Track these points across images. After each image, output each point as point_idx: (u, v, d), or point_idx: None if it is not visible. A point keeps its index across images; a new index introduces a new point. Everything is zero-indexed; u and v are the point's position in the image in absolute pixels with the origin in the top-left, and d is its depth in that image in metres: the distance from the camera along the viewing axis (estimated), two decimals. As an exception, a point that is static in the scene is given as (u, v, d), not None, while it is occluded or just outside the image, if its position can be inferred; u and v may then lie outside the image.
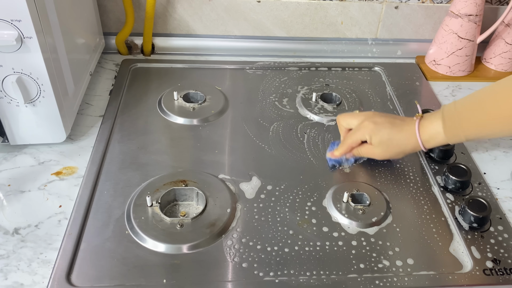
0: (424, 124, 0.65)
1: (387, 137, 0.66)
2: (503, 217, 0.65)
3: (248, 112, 0.84)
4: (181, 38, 1.00)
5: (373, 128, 0.67)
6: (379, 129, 0.67)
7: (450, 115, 0.62)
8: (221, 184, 0.67)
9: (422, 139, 0.64)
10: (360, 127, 0.68)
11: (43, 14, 0.63)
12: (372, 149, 0.68)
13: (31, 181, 0.67)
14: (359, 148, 0.70)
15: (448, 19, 0.93)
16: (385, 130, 0.66)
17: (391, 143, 0.66)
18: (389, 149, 0.67)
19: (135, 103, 0.84)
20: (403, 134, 0.66)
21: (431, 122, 0.64)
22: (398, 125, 0.66)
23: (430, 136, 0.64)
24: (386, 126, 0.66)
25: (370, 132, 0.67)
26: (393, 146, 0.67)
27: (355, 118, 0.70)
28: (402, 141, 0.66)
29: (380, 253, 0.60)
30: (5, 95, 0.64)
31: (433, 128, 0.64)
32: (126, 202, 0.64)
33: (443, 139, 0.63)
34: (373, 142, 0.67)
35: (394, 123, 0.67)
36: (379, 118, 0.68)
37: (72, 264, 0.56)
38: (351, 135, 0.70)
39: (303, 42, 1.02)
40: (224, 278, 0.56)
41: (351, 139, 0.69)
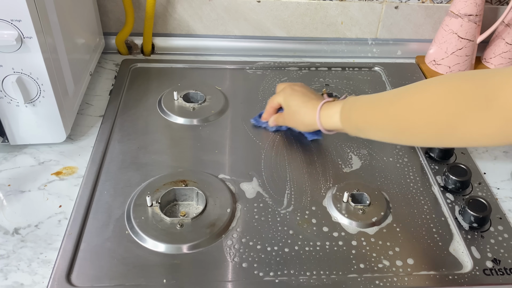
0: (327, 105, 0.68)
1: (294, 103, 0.71)
2: (503, 217, 0.65)
3: (248, 112, 0.83)
4: (181, 38, 1.00)
5: (288, 92, 0.73)
6: (292, 94, 0.72)
7: (349, 102, 0.64)
8: (221, 184, 0.67)
9: (321, 117, 0.67)
10: (281, 91, 0.75)
11: (43, 14, 0.63)
12: (282, 115, 0.75)
13: (31, 181, 0.67)
14: (278, 116, 0.76)
15: (448, 19, 0.93)
16: (296, 97, 0.72)
17: (296, 110, 0.71)
18: (293, 116, 0.72)
19: (135, 103, 0.84)
20: (306, 107, 0.70)
21: (334, 105, 0.67)
22: (308, 98, 0.71)
23: (328, 115, 0.66)
24: (298, 95, 0.72)
25: (284, 95, 0.73)
26: (296, 114, 0.71)
27: (284, 84, 0.76)
28: (304, 112, 0.70)
29: (380, 253, 0.60)
30: (5, 95, 0.64)
31: (332, 109, 0.66)
32: (126, 202, 0.64)
33: (337, 122, 0.65)
34: (284, 105, 0.73)
35: (306, 94, 0.72)
36: (298, 88, 0.73)
37: (72, 264, 0.56)
38: (273, 97, 0.76)
39: (303, 42, 1.02)
40: (224, 278, 0.56)
41: (271, 101, 0.76)
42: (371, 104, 0.61)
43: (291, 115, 0.73)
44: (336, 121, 0.65)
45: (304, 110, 0.70)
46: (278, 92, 0.76)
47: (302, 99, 0.71)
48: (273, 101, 0.76)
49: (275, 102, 0.75)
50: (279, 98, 0.74)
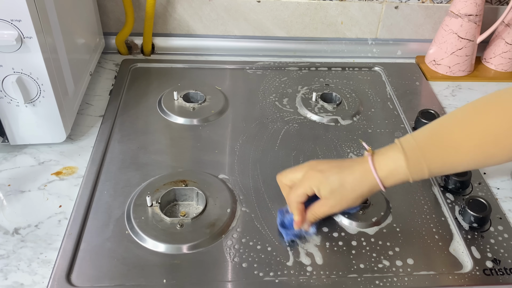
0: (379, 160, 0.55)
1: (337, 183, 0.56)
2: (503, 217, 0.65)
3: (248, 112, 0.84)
4: (181, 38, 1.00)
5: (319, 177, 0.57)
6: (326, 176, 0.57)
7: (411, 147, 0.54)
8: (221, 184, 0.67)
9: (380, 176, 0.55)
10: (305, 178, 0.58)
11: (43, 14, 0.63)
12: (325, 203, 0.58)
13: (31, 181, 0.67)
14: (311, 209, 0.59)
15: (448, 19, 0.93)
16: (334, 176, 0.56)
17: (344, 188, 0.56)
18: (344, 197, 0.57)
19: (135, 103, 0.84)
20: (356, 175, 0.56)
21: (389, 157, 0.55)
22: (348, 167, 0.57)
23: (390, 171, 0.55)
24: (334, 172, 0.57)
25: (317, 182, 0.57)
26: (347, 192, 0.56)
27: (297, 171, 0.60)
28: (356, 183, 0.56)
29: (380, 253, 0.60)
30: (5, 95, 0.64)
31: (392, 162, 0.55)
32: (126, 202, 0.64)
33: (405, 175, 0.54)
34: (323, 193, 0.57)
35: (342, 166, 0.58)
36: (324, 165, 0.58)
37: (72, 264, 0.56)
38: (294, 190, 0.59)
39: (303, 42, 1.02)
40: (224, 278, 0.56)
41: (296, 195, 0.59)
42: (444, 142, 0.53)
43: (340, 198, 0.57)
44: (403, 174, 0.54)
45: (356, 183, 0.56)
46: (301, 183, 0.58)
47: (344, 172, 0.56)
48: (299, 195, 0.58)
49: (302, 196, 0.58)
50: (309, 188, 0.58)
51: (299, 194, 0.58)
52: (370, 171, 0.55)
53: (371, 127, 0.81)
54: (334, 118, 0.82)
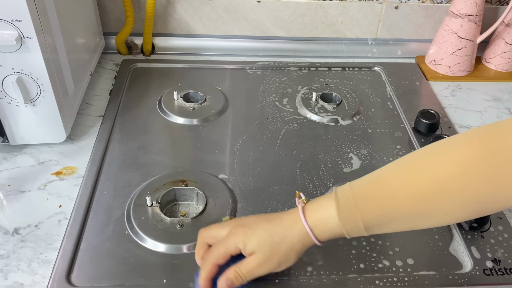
0: (310, 208, 0.50)
1: (265, 234, 0.50)
2: (503, 217, 0.65)
3: (248, 112, 0.84)
4: (181, 38, 1.00)
5: (244, 231, 0.50)
6: (253, 229, 0.50)
7: (345, 195, 0.49)
8: (221, 184, 0.67)
9: (310, 224, 0.49)
10: (229, 235, 0.51)
11: (43, 14, 0.63)
12: (252, 260, 0.50)
13: (31, 181, 0.67)
14: (237, 270, 0.50)
15: (448, 19, 0.93)
16: (260, 226, 0.50)
17: (273, 240, 0.49)
18: (273, 250, 0.49)
19: (135, 103, 0.84)
20: (284, 224, 0.50)
21: (320, 204, 0.50)
22: (276, 218, 0.52)
23: (320, 220, 0.49)
24: (260, 223, 0.51)
25: (243, 236, 0.50)
26: (276, 244, 0.49)
27: (222, 227, 0.53)
28: (285, 233, 0.50)
29: (380, 253, 0.59)
30: (5, 95, 0.64)
31: (323, 210, 0.49)
32: (126, 202, 0.64)
33: (337, 225, 0.48)
34: (249, 248, 0.49)
35: (270, 218, 0.52)
36: (251, 219, 0.53)
37: (72, 264, 0.56)
38: (217, 246, 0.51)
39: (303, 42, 1.02)
40: (224, 278, 0.56)
41: (216, 252, 0.51)
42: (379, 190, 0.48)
43: (269, 253, 0.49)
44: (334, 224, 0.48)
45: (283, 229, 0.50)
46: (225, 240, 0.51)
47: (272, 223, 0.51)
48: (219, 253, 0.50)
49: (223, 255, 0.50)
50: (233, 245, 0.50)
51: (220, 253, 0.50)
52: (300, 219, 0.49)
53: (371, 127, 0.81)
54: (334, 118, 0.82)
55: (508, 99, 0.91)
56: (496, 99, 0.91)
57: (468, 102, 0.90)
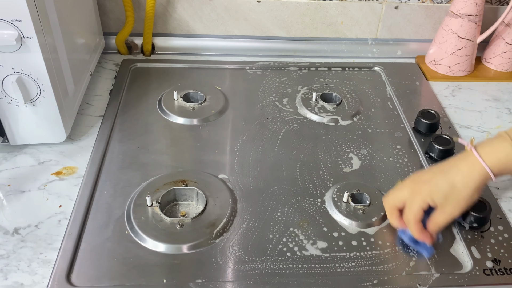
0: (485, 150, 0.56)
1: (448, 186, 0.56)
2: (503, 217, 0.65)
3: (248, 112, 0.84)
4: (181, 38, 1.00)
5: (427, 187, 0.57)
6: (435, 183, 0.57)
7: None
8: (221, 184, 0.67)
9: (489, 165, 0.55)
10: (413, 194, 0.58)
11: (43, 14, 0.63)
12: (442, 210, 0.57)
13: (31, 181, 0.67)
14: (432, 221, 0.58)
15: (448, 19, 0.93)
16: (442, 180, 0.56)
17: (457, 189, 0.56)
18: (459, 197, 0.56)
19: (135, 103, 0.84)
20: (464, 172, 0.56)
21: (495, 147, 0.55)
22: (452, 167, 0.57)
23: (499, 160, 0.55)
24: (440, 177, 0.57)
25: (428, 193, 0.57)
26: (460, 191, 0.56)
27: (402, 189, 0.60)
28: (467, 179, 0.56)
29: (380, 253, 0.59)
30: (5, 95, 0.64)
31: (500, 151, 0.55)
32: (126, 202, 0.64)
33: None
34: (438, 201, 0.57)
35: (445, 169, 0.57)
36: (427, 175, 0.59)
37: (72, 264, 0.56)
38: (409, 208, 0.58)
39: (303, 42, 1.02)
40: (224, 278, 0.56)
41: (412, 213, 0.58)
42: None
43: (455, 201, 0.56)
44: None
45: (464, 177, 0.56)
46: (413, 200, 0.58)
47: (450, 173, 0.56)
48: (414, 213, 0.57)
49: (418, 212, 0.57)
50: (422, 202, 0.57)
51: (415, 212, 0.57)
52: (478, 163, 0.55)
53: (371, 127, 0.81)
54: (334, 118, 0.82)
55: (508, 99, 0.91)
56: (496, 99, 0.91)
57: (468, 102, 0.90)
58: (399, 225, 0.60)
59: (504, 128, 0.82)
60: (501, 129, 0.81)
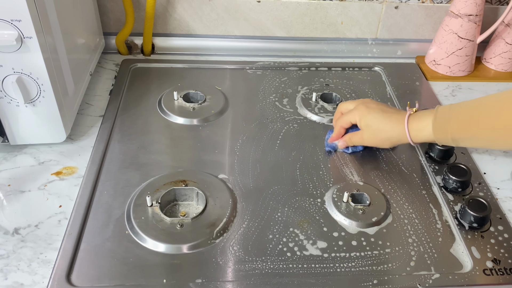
0: (414, 117, 0.66)
1: (374, 121, 0.68)
2: (503, 217, 0.65)
3: (248, 112, 0.84)
4: (181, 38, 1.00)
5: (364, 110, 0.69)
6: (369, 112, 0.69)
7: (442, 113, 0.63)
8: (221, 184, 0.67)
9: (409, 130, 0.65)
10: (353, 109, 0.71)
11: (43, 14, 0.63)
12: (360, 133, 0.71)
13: (31, 181, 0.67)
14: (351, 136, 0.72)
15: (448, 19, 0.93)
16: (375, 114, 0.68)
17: (378, 127, 0.68)
18: (375, 134, 0.69)
19: (135, 103, 0.84)
20: (391, 121, 0.67)
21: (422, 116, 0.65)
22: (389, 113, 0.68)
23: (418, 128, 0.65)
24: (376, 111, 0.69)
25: (360, 114, 0.69)
26: (379, 131, 0.68)
27: (352, 103, 0.73)
28: (389, 128, 0.68)
29: (380, 253, 0.60)
30: (5, 95, 0.64)
31: (422, 121, 0.64)
32: (126, 202, 0.64)
33: (430, 135, 0.64)
34: (362, 124, 0.70)
35: (385, 110, 0.69)
36: (373, 104, 0.70)
37: (72, 264, 0.56)
38: (343, 116, 0.72)
39: (303, 42, 1.02)
40: (224, 278, 0.56)
41: (342, 120, 0.72)
42: (469, 114, 0.61)
43: (372, 133, 0.69)
44: (428, 134, 0.64)
45: (388, 126, 0.68)
46: (350, 112, 0.72)
47: (383, 115, 0.68)
48: (344, 120, 0.72)
49: (346, 122, 0.72)
50: (352, 117, 0.71)
51: (344, 120, 0.72)
52: (403, 122, 0.66)
53: (371, 127, 0.81)
54: (334, 118, 0.82)
55: (508, 99, 0.91)
56: (496, 99, 0.91)
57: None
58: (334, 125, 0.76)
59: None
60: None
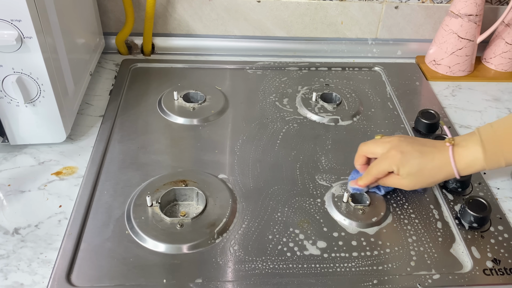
0: (459, 152, 0.59)
1: (417, 167, 0.61)
2: (503, 217, 0.65)
3: (248, 112, 0.84)
4: (181, 38, 1.00)
5: (401, 158, 0.61)
6: (407, 159, 0.61)
7: (489, 139, 0.58)
8: (221, 184, 0.67)
9: (458, 168, 0.59)
10: (387, 156, 0.63)
11: (43, 14, 0.63)
12: (399, 179, 0.63)
13: (31, 181, 0.67)
14: (385, 178, 0.64)
15: (448, 19, 0.93)
16: (415, 160, 0.61)
17: (422, 173, 0.61)
18: (419, 180, 0.62)
19: (135, 103, 0.84)
20: (434, 163, 0.60)
21: (468, 149, 0.59)
22: (429, 153, 0.61)
23: (468, 164, 0.59)
24: (415, 156, 0.61)
25: (398, 163, 0.61)
26: (423, 177, 0.62)
27: (379, 146, 0.64)
28: (434, 171, 0.61)
29: (380, 253, 0.60)
30: (5, 95, 0.64)
31: (471, 154, 0.59)
32: (126, 202, 0.64)
33: (482, 166, 0.58)
34: (401, 173, 0.62)
35: (423, 151, 0.61)
36: (407, 147, 0.62)
37: (72, 264, 0.56)
38: (376, 165, 0.64)
39: (303, 42, 1.02)
40: (224, 278, 0.56)
41: (376, 170, 0.64)
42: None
43: (415, 181, 0.62)
44: (479, 166, 0.59)
45: (434, 171, 0.61)
46: (383, 160, 0.63)
47: (424, 159, 0.61)
48: (379, 172, 0.63)
49: (382, 172, 0.63)
50: (388, 167, 0.62)
51: (381, 171, 0.63)
52: (449, 162, 0.60)
53: (371, 127, 0.81)
54: (334, 118, 0.82)
55: (508, 99, 0.91)
56: (496, 99, 0.91)
57: (468, 102, 0.90)
58: (359, 169, 0.68)
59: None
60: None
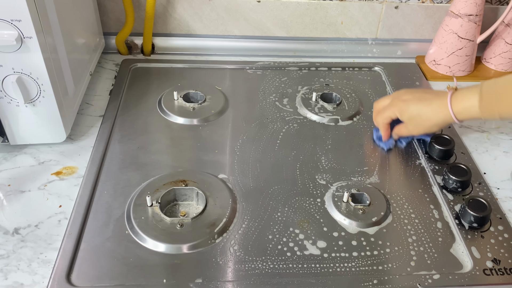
0: (457, 97, 0.65)
1: (415, 112, 0.68)
2: (503, 217, 0.65)
3: (248, 112, 0.84)
4: (181, 38, 1.00)
5: (401, 105, 0.70)
6: (407, 105, 0.69)
7: (489, 90, 0.62)
8: (221, 184, 0.67)
9: (454, 111, 0.64)
10: (389, 105, 0.72)
11: (43, 14, 0.63)
12: (405, 126, 0.71)
13: (31, 181, 0.67)
14: (397, 131, 0.73)
15: (448, 19, 0.93)
16: (413, 105, 0.68)
17: (421, 117, 0.68)
18: (420, 124, 0.69)
19: (135, 103, 0.84)
20: (432, 107, 0.67)
21: (466, 95, 0.64)
22: (427, 99, 0.68)
23: (464, 108, 0.64)
24: (414, 102, 0.69)
25: (399, 109, 0.70)
26: (423, 121, 0.68)
27: (387, 98, 0.74)
28: (432, 114, 0.67)
29: (380, 253, 0.60)
30: (5, 95, 0.64)
31: (468, 101, 0.63)
32: (126, 202, 0.64)
33: (477, 113, 0.63)
34: (404, 119, 0.70)
35: (422, 97, 0.69)
36: (407, 95, 0.70)
37: (72, 264, 0.56)
38: (381, 114, 0.73)
39: (303, 42, 1.02)
40: (224, 278, 0.56)
41: (381, 118, 0.73)
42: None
43: (417, 125, 0.70)
44: (475, 113, 0.63)
45: (432, 114, 0.67)
46: (387, 108, 0.72)
47: (423, 104, 0.68)
48: (384, 117, 0.73)
49: (386, 118, 0.73)
50: (392, 113, 0.71)
51: (384, 117, 0.73)
52: (447, 105, 0.65)
53: (371, 127, 0.81)
54: (334, 118, 0.82)
55: (508, 99, 0.91)
56: (496, 99, 0.91)
57: None
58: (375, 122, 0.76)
59: (504, 128, 0.82)
60: (501, 129, 0.82)
